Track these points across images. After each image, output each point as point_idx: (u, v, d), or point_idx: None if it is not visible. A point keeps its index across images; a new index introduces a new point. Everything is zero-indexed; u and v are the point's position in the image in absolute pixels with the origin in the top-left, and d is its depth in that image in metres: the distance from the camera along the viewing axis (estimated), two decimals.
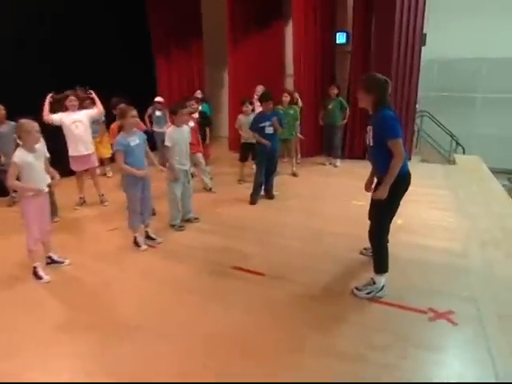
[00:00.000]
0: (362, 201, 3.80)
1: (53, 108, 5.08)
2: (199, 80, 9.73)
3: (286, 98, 6.62)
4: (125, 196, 4.14)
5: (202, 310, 3.04)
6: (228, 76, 8.93)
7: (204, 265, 3.75)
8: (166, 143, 4.43)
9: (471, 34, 9.30)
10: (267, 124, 5.30)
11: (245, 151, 6.36)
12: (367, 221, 3.37)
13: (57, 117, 5.05)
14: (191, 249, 4.13)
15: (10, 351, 2.61)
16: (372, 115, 2.96)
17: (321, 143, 7.87)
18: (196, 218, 4.80)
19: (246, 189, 5.71)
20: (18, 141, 3.37)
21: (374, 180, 3.32)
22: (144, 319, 2.94)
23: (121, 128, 4.11)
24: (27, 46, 6.20)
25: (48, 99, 4.99)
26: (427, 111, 9.55)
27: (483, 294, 3.15)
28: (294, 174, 6.78)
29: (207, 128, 6.36)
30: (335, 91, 7.08)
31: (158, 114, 7.33)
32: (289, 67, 8.47)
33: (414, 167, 3.08)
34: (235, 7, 8.24)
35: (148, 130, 5.61)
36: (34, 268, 3.54)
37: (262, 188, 5.62)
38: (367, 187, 3.39)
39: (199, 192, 5.81)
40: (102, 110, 5.35)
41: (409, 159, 2.85)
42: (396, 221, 3.13)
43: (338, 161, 7.43)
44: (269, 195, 5.65)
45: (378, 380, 2.32)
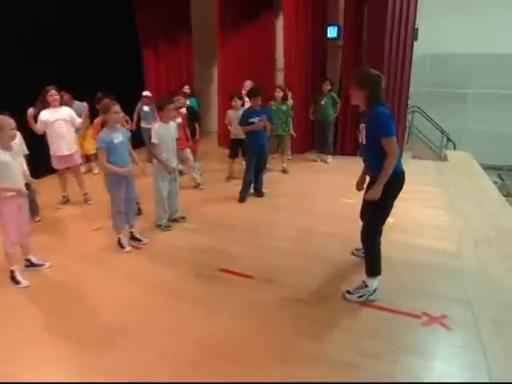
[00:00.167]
0: (354, 199, 3.70)
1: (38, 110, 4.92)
2: (188, 74, 9.51)
3: (279, 94, 6.44)
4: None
5: (189, 316, 2.91)
6: (217, 70, 8.75)
7: (191, 267, 3.62)
8: (153, 140, 4.26)
9: (463, 29, 9.24)
10: (256, 119, 5.16)
11: (234, 147, 6.20)
12: (359, 220, 3.28)
13: (41, 124, 4.87)
14: (178, 250, 3.99)
15: None
16: (365, 112, 2.84)
17: (311, 139, 7.74)
18: (183, 218, 4.65)
19: (235, 186, 5.57)
20: None
21: (366, 179, 3.22)
22: (128, 326, 2.80)
23: (104, 124, 3.95)
24: (6, 44, 5.96)
25: (29, 114, 4.80)
26: (418, 107, 9.48)
27: (477, 296, 3.07)
28: (285, 171, 6.65)
29: (196, 124, 6.20)
30: (328, 87, 6.94)
31: (146, 110, 7.12)
32: (279, 61, 8.30)
33: (406, 163, 2.97)
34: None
35: (132, 129, 5.41)
36: (12, 272, 3.37)
37: (252, 186, 5.50)
38: (359, 186, 3.29)
39: (187, 189, 5.66)
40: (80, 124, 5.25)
41: (400, 156, 2.77)
42: (388, 220, 3.02)
43: (330, 157, 7.32)
44: (258, 193, 5.52)
45: None
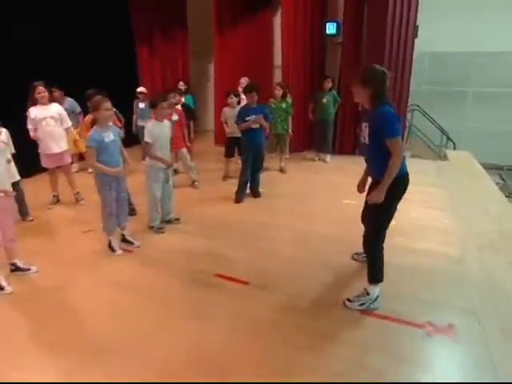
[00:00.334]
0: (354, 200, 3.55)
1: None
2: (184, 71, 9.34)
3: (279, 92, 6.25)
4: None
5: (180, 326, 2.75)
6: (214, 67, 8.57)
7: (184, 272, 3.45)
8: (146, 139, 4.09)
9: (463, 27, 9.09)
10: (253, 117, 4.99)
11: (230, 146, 6.04)
12: (359, 222, 3.15)
13: (31, 122, 4.71)
14: (171, 254, 3.82)
15: None
16: (368, 111, 2.68)
17: (309, 138, 7.60)
18: (177, 219, 4.48)
19: (232, 186, 5.41)
20: None
21: (368, 180, 3.08)
22: (116, 336, 2.65)
23: (94, 122, 3.77)
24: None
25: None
26: (418, 105, 9.33)
27: (484, 305, 2.93)
28: (282, 170, 6.50)
29: (191, 121, 6.04)
30: (329, 84, 6.74)
31: (142, 107, 6.95)
32: (277, 58, 8.13)
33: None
34: None
35: (122, 127, 5.24)
36: None
37: (248, 186, 5.34)
38: (360, 188, 3.14)
39: (181, 188, 5.50)
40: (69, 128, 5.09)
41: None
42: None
43: (328, 156, 7.17)
44: (255, 193, 5.36)
45: None
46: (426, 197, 5.24)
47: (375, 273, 2.85)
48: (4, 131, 4.19)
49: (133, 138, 6.92)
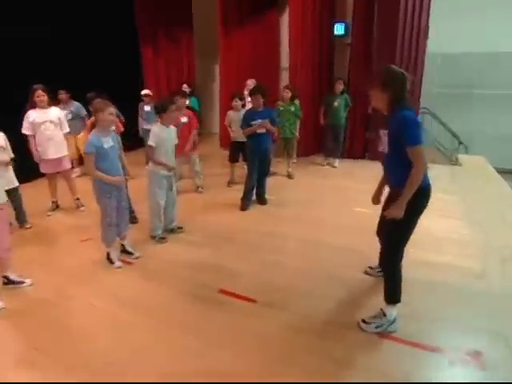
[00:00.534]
0: (366, 208, 3.34)
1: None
2: (189, 72, 9.18)
3: (288, 94, 6.02)
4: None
5: (179, 347, 2.55)
6: (219, 69, 8.38)
7: (186, 287, 3.25)
8: (150, 142, 3.89)
9: (477, 28, 8.83)
10: (258, 122, 4.78)
11: (234, 151, 5.84)
12: (372, 232, 2.96)
13: (29, 126, 4.53)
14: (173, 265, 3.62)
15: None
16: (388, 117, 2.46)
17: (318, 141, 7.38)
18: (180, 228, 4.28)
19: (237, 192, 5.20)
20: None
21: (384, 191, 2.86)
22: (112, 356, 2.46)
23: (94, 125, 3.59)
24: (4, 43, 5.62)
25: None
26: (427, 108, 9.07)
27: (509, 326, 2.69)
28: (290, 176, 6.28)
29: None
30: (341, 86, 6.45)
31: (147, 109, 6.73)
32: (284, 60, 7.93)
33: None
34: None
35: (123, 127, 5.05)
36: None
37: (254, 192, 5.13)
38: (375, 199, 2.92)
39: (186, 194, 5.30)
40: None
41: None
42: None
43: (337, 161, 6.94)
44: (261, 200, 5.14)
45: None
46: (440, 204, 4.96)
47: (393, 292, 2.62)
48: (1, 135, 4.04)
49: (137, 141, 6.75)
